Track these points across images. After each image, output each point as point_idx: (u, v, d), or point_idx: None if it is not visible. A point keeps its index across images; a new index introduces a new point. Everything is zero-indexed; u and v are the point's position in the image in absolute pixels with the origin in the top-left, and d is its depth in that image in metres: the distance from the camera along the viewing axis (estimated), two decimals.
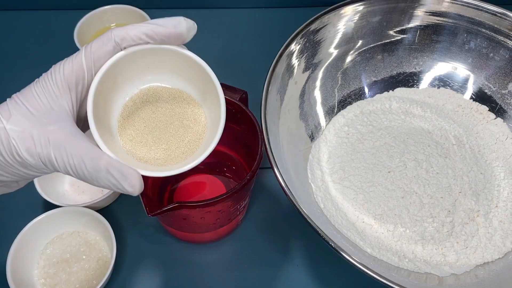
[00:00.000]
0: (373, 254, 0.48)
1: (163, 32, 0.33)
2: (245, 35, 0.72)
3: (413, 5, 0.58)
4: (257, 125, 0.47)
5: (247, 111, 0.48)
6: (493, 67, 0.58)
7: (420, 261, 0.48)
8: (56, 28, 0.72)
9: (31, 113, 0.31)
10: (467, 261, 0.48)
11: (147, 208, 0.41)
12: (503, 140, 0.57)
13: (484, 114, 0.59)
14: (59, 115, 0.31)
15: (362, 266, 0.39)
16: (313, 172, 0.54)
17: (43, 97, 0.31)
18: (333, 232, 0.48)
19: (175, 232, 0.52)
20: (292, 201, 0.43)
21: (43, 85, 0.32)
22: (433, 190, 0.51)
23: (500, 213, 0.51)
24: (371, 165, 0.53)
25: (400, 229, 0.49)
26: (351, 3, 0.56)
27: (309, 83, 0.57)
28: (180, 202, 0.41)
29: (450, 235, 0.49)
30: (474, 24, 0.57)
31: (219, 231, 0.52)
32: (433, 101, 0.60)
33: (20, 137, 0.30)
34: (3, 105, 0.32)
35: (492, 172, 0.54)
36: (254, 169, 0.44)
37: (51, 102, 0.31)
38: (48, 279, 0.49)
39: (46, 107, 0.31)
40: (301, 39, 0.54)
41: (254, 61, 0.68)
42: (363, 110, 0.59)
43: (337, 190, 0.52)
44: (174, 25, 0.33)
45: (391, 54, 0.60)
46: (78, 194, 0.56)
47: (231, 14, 0.75)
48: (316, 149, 0.56)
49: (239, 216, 0.52)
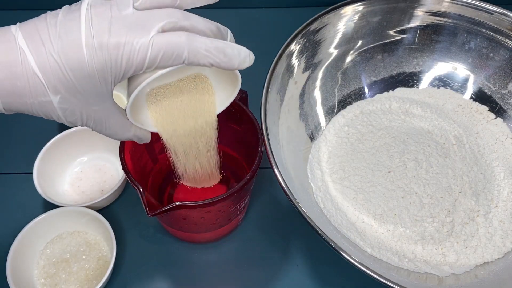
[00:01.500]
0: (373, 254, 0.47)
1: (224, 66, 0.34)
2: (245, 35, 0.72)
3: (413, 5, 0.58)
4: (257, 125, 0.47)
5: (247, 111, 0.48)
6: (493, 67, 0.58)
7: (420, 261, 0.48)
8: None
9: (79, 92, 0.32)
10: (467, 261, 0.48)
11: (147, 208, 0.41)
12: (503, 140, 0.56)
13: (484, 114, 0.58)
14: (104, 97, 0.33)
15: (362, 266, 0.39)
16: (313, 172, 0.54)
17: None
18: (333, 232, 0.48)
19: (175, 232, 0.52)
20: (292, 201, 0.42)
21: None
22: (433, 190, 0.51)
23: (500, 213, 0.51)
24: (371, 165, 0.53)
25: (400, 229, 0.49)
26: (351, 3, 0.56)
27: (309, 83, 0.56)
28: (180, 202, 0.41)
29: (450, 235, 0.49)
30: (474, 24, 0.57)
31: (219, 231, 0.51)
32: (433, 101, 0.60)
33: (66, 113, 0.33)
34: (49, 75, 0.32)
35: (492, 172, 0.54)
36: (254, 169, 0.44)
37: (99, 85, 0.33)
38: (48, 279, 0.49)
39: (93, 90, 0.33)
40: (301, 39, 0.54)
41: (254, 61, 0.68)
42: (363, 110, 0.59)
43: (337, 190, 0.52)
44: (239, 64, 0.35)
45: (391, 54, 0.60)
46: (78, 194, 0.55)
47: (231, 14, 0.74)
48: (316, 149, 0.56)
49: (239, 216, 0.52)
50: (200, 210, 0.44)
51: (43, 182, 0.53)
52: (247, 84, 0.65)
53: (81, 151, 0.57)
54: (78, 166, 0.57)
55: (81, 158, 0.58)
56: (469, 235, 0.49)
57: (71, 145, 0.56)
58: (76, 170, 0.57)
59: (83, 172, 0.57)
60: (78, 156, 0.57)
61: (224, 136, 0.46)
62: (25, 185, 0.55)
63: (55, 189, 0.55)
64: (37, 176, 0.52)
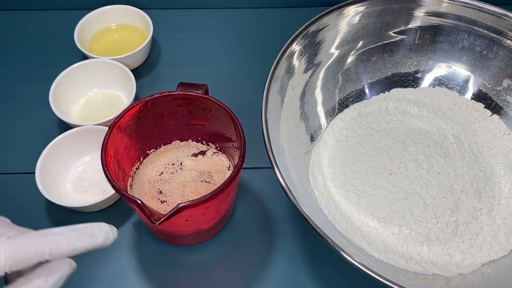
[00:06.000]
0: (380, 258, 0.47)
1: (89, 247, 0.32)
2: (245, 35, 0.72)
3: (413, 6, 0.57)
4: (233, 115, 0.47)
5: (219, 103, 0.47)
6: (490, 66, 0.57)
7: (426, 262, 0.47)
8: (56, 28, 0.71)
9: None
10: (473, 260, 0.47)
11: (152, 218, 0.40)
12: (500, 136, 0.56)
13: (480, 111, 0.58)
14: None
15: (375, 275, 0.38)
16: (314, 177, 0.53)
17: None
18: (339, 238, 0.47)
19: (175, 231, 0.52)
20: (295, 204, 0.41)
21: None
22: (435, 190, 0.50)
23: (502, 210, 0.50)
24: (372, 168, 0.52)
25: (405, 231, 0.48)
26: (352, 4, 0.55)
27: (310, 84, 0.56)
28: (182, 203, 0.40)
29: (455, 234, 0.48)
30: (474, 25, 0.56)
31: (221, 223, 0.52)
32: (429, 100, 0.59)
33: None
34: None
35: (492, 169, 0.53)
36: (242, 154, 0.44)
37: None
38: None
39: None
40: (302, 40, 0.53)
41: (254, 61, 0.68)
42: (361, 112, 0.58)
43: (340, 195, 0.51)
44: (101, 243, 0.33)
45: (392, 54, 0.59)
46: (80, 194, 0.55)
47: (231, 14, 0.74)
48: (316, 154, 0.55)
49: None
50: (203, 206, 0.43)
51: (45, 182, 0.52)
52: (247, 84, 0.66)
53: (84, 151, 0.57)
54: (81, 166, 0.57)
55: (84, 158, 0.57)
56: (473, 234, 0.49)
57: (74, 145, 0.55)
58: (78, 170, 0.57)
59: (86, 172, 0.57)
60: (81, 156, 0.57)
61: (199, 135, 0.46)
62: (27, 185, 0.55)
63: (57, 189, 0.54)
64: (39, 176, 0.51)
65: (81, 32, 0.66)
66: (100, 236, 0.33)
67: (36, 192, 0.51)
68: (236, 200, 0.55)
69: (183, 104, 0.49)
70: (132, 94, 0.59)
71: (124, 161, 0.49)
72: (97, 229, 0.33)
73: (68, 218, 0.54)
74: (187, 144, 0.54)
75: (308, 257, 0.52)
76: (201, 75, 0.66)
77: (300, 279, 0.50)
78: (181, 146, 0.54)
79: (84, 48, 0.64)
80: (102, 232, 0.33)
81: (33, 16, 0.74)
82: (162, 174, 0.52)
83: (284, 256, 0.52)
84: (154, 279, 0.50)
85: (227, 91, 0.63)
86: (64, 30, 0.70)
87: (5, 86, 0.66)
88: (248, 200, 0.55)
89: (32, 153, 0.55)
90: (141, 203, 0.40)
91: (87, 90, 0.63)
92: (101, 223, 0.33)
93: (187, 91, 0.48)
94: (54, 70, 0.61)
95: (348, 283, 0.50)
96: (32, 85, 0.66)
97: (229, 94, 0.58)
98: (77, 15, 0.67)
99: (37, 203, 0.55)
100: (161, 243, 0.52)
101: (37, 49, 0.70)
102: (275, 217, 0.54)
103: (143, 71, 0.67)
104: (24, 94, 0.65)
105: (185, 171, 0.52)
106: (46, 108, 0.58)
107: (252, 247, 0.52)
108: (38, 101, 0.63)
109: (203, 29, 0.72)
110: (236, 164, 0.44)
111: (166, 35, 0.71)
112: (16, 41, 0.71)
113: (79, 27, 0.66)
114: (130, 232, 0.53)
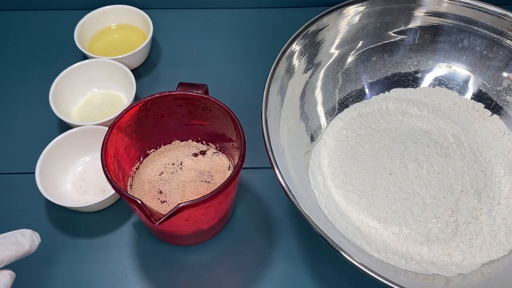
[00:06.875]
0: (380, 258, 0.46)
1: (16, 254, 0.32)
2: (245, 35, 0.72)
3: (413, 6, 0.57)
4: (233, 115, 0.46)
5: (219, 103, 0.47)
6: (490, 66, 0.57)
7: (426, 262, 0.47)
8: (56, 28, 0.71)
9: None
10: (473, 260, 0.47)
11: (151, 218, 0.39)
12: (500, 136, 0.56)
13: (480, 111, 0.58)
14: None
15: (375, 275, 0.38)
16: (315, 177, 0.53)
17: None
18: (339, 238, 0.47)
19: (175, 231, 0.52)
20: (295, 204, 0.41)
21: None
22: (435, 190, 0.50)
23: (502, 210, 0.50)
24: (372, 168, 0.52)
25: (405, 231, 0.48)
26: (352, 4, 0.55)
27: (310, 84, 0.55)
28: (182, 203, 0.40)
29: (455, 234, 0.48)
30: (474, 25, 0.56)
31: (221, 223, 0.51)
32: (429, 100, 0.59)
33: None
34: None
35: (492, 169, 0.53)
36: (242, 154, 0.44)
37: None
38: None
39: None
40: (302, 40, 0.53)
41: (254, 61, 0.68)
42: (360, 112, 0.58)
43: (340, 195, 0.51)
44: (28, 248, 0.33)
45: (392, 54, 0.59)
46: (80, 194, 0.54)
47: (231, 14, 0.73)
48: (316, 154, 0.54)
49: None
50: (203, 206, 0.43)
51: (45, 182, 0.52)
52: (247, 84, 0.66)
53: (84, 151, 0.56)
54: (81, 166, 0.57)
55: (84, 158, 0.57)
56: (473, 234, 0.48)
57: (74, 145, 0.55)
58: (78, 170, 0.57)
59: (86, 172, 0.57)
60: (81, 156, 0.57)
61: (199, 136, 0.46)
62: (27, 185, 0.55)
63: (57, 189, 0.54)
64: (40, 176, 0.51)
65: (81, 32, 0.66)
66: (25, 242, 0.32)
67: (36, 192, 0.51)
68: (236, 200, 0.55)
69: (183, 104, 0.49)
70: (132, 94, 0.59)
71: (124, 161, 0.49)
72: (20, 236, 0.32)
73: (68, 218, 0.54)
74: (187, 144, 0.54)
75: (308, 257, 0.51)
76: (201, 75, 0.66)
77: (300, 279, 0.50)
78: (181, 146, 0.54)
79: (84, 48, 0.64)
80: (26, 238, 0.33)
81: (33, 16, 0.73)
82: (162, 174, 0.52)
83: (284, 256, 0.51)
84: (154, 279, 0.50)
85: (227, 91, 0.63)
86: (64, 30, 0.70)
87: (5, 86, 0.66)
88: (248, 200, 0.55)
89: (32, 153, 0.55)
90: (141, 203, 0.40)
91: (87, 90, 0.63)
92: (23, 229, 0.33)
93: (187, 91, 0.48)
94: (54, 70, 0.61)
95: (348, 283, 0.50)
96: (32, 85, 0.66)
97: (229, 94, 0.58)
98: (77, 15, 0.67)
99: (37, 203, 0.55)
100: (161, 243, 0.52)
101: (37, 49, 0.70)
102: (275, 217, 0.54)
103: (143, 71, 0.67)
104: (24, 94, 0.65)
105: (185, 171, 0.52)
106: (46, 108, 0.58)
107: (252, 247, 0.52)
108: (38, 101, 0.63)
109: (203, 29, 0.72)
110: (236, 164, 0.44)
111: (166, 35, 0.71)
112: (16, 41, 0.71)
113: (79, 27, 0.66)
114: (130, 232, 0.53)
